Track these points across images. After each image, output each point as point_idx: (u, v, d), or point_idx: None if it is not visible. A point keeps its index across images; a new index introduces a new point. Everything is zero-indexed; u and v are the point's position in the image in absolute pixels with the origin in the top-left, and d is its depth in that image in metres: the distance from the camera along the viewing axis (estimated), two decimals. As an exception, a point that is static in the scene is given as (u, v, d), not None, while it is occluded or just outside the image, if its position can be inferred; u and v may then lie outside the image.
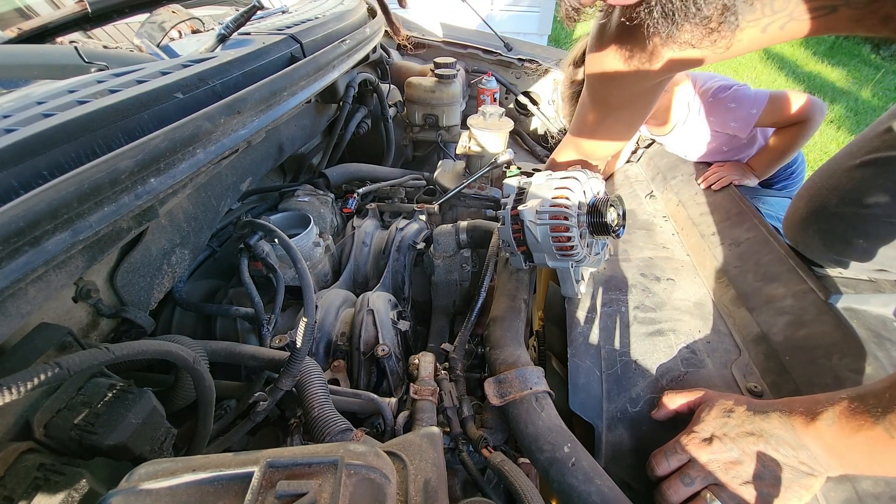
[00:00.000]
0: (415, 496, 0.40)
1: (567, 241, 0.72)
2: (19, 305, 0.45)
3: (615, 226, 0.72)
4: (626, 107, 0.84)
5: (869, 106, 4.35)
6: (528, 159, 1.90)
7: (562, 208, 0.71)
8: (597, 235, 0.74)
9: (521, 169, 1.39)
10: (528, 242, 0.76)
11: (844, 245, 0.72)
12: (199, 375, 0.55)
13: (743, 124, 1.15)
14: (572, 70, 1.22)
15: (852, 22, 0.48)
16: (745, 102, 1.14)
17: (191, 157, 0.57)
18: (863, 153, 0.70)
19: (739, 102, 1.15)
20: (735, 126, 1.16)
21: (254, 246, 0.85)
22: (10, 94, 0.71)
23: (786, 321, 0.73)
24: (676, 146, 1.31)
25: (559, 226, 0.71)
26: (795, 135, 1.15)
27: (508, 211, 0.79)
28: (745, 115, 1.14)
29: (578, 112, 0.92)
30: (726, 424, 0.55)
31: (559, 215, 0.71)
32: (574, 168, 0.79)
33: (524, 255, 0.80)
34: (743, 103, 1.14)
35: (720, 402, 0.58)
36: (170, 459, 0.37)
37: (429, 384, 0.73)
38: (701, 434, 0.56)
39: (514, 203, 0.79)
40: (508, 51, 1.92)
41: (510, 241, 0.79)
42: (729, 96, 1.16)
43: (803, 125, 1.13)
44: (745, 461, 0.52)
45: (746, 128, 1.15)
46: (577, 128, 0.94)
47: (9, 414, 0.44)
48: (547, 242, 0.73)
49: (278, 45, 0.88)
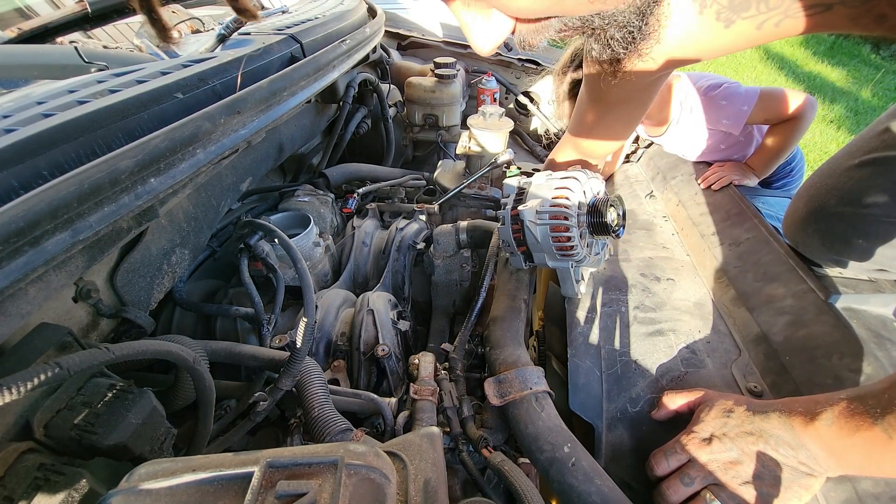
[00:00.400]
0: (415, 496, 0.40)
1: (567, 241, 0.72)
2: (19, 305, 0.45)
3: (615, 226, 0.72)
4: (624, 105, 0.84)
5: (869, 106, 4.35)
6: (528, 159, 1.90)
7: (562, 208, 0.71)
8: (597, 235, 0.74)
9: (521, 169, 1.39)
10: (528, 242, 0.76)
11: (844, 245, 0.72)
12: (199, 375, 0.55)
13: (735, 121, 1.16)
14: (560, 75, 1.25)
15: (847, 20, 0.48)
16: (735, 99, 1.15)
17: (191, 157, 0.57)
18: (861, 153, 0.70)
19: (730, 100, 1.15)
20: (727, 123, 1.17)
21: (254, 246, 0.85)
22: (10, 94, 0.71)
23: (786, 321, 0.73)
24: (673, 146, 1.32)
25: (559, 226, 0.71)
26: (789, 131, 1.15)
27: (508, 211, 0.79)
28: (737, 112, 1.15)
29: (576, 111, 0.93)
30: (726, 424, 0.55)
31: (559, 215, 0.71)
32: (574, 168, 0.79)
33: (524, 255, 0.80)
34: (734, 100, 1.15)
35: (720, 403, 0.58)
36: (170, 459, 0.37)
37: (429, 384, 0.73)
38: (700, 434, 0.56)
39: (514, 203, 0.79)
40: (508, 51, 1.91)
41: (510, 241, 0.79)
42: (720, 94, 1.17)
43: (796, 121, 1.14)
44: (745, 461, 0.52)
45: (738, 125, 1.16)
46: (576, 127, 0.94)
47: (9, 414, 0.44)
48: (547, 242, 0.73)
49: (278, 45, 0.88)
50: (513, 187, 0.82)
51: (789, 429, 0.51)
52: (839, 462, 0.49)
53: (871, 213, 0.68)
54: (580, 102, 0.91)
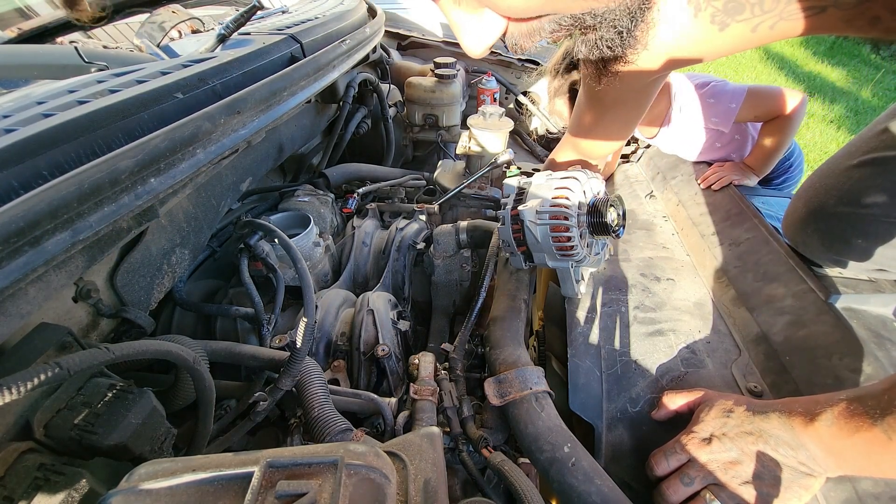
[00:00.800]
0: (415, 496, 0.40)
1: (567, 241, 0.72)
2: (19, 305, 0.45)
3: (615, 226, 0.72)
4: (621, 105, 0.85)
5: (869, 106, 4.35)
6: (528, 159, 1.90)
7: (562, 208, 0.71)
8: (597, 235, 0.74)
9: (521, 169, 1.39)
10: (528, 242, 0.76)
11: (843, 245, 0.72)
12: (199, 375, 0.55)
13: (724, 119, 1.16)
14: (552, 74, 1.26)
15: (842, 22, 0.49)
16: (723, 97, 1.15)
17: (191, 157, 0.57)
18: (860, 153, 0.70)
19: (718, 98, 1.15)
20: (716, 121, 1.17)
21: (254, 246, 0.85)
22: (10, 94, 0.71)
23: (786, 321, 0.73)
24: (668, 146, 1.32)
25: (559, 226, 0.71)
26: (782, 127, 1.15)
27: (508, 211, 0.79)
28: (725, 110, 1.15)
29: (576, 112, 0.93)
30: (726, 424, 0.55)
31: (559, 215, 0.71)
32: (574, 168, 0.79)
33: (524, 255, 0.80)
34: (721, 98, 1.15)
35: (720, 403, 0.58)
36: (170, 459, 0.37)
37: (429, 384, 0.73)
38: (700, 434, 0.56)
39: (513, 203, 0.79)
40: (508, 51, 1.92)
41: (510, 241, 0.79)
42: (707, 92, 1.17)
43: (787, 118, 1.13)
44: (745, 461, 0.52)
45: (727, 122, 1.16)
46: (575, 127, 0.95)
47: (9, 414, 0.44)
48: (547, 242, 0.73)
49: (278, 45, 0.88)
50: (513, 187, 0.82)
51: (789, 429, 0.51)
52: (839, 462, 0.49)
53: (871, 213, 0.68)
54: (579, 103, 0.91)
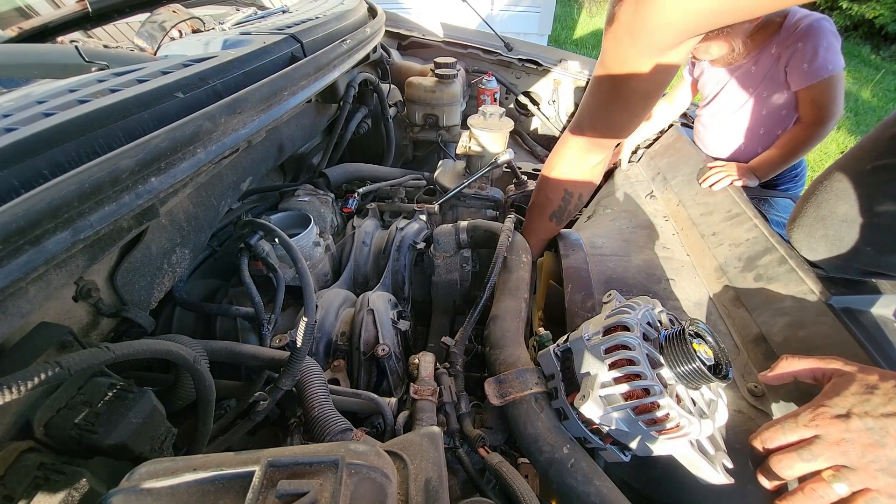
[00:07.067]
0: (415, 496, 0.40)
1: (665, 420, 0.53)
2: (19, 304, 0.45)
3: (714, 362, 0.54)
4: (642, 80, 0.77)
5: (869, 106, 4.35)
6: (528, 159, 1.90)
7: (635, 381, 0.54)
8: (695, 383, 0.55)
9: (522, 169, 1.39)
10: (613, 434, 0.59)
11: (853, 252, 0.71)
12: (199, 375, 0.55)
13: (805, 77, 1.09)
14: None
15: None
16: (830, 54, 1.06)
17: (191, 157, 0.57)
18: (872, 158, 0.68)
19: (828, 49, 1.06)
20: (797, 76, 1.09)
21: (254, 245, 0.85)
22: (10, 93, 0.71)
23: (785, 321, 0.73)
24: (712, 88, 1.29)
25: (642, 406, 0.54)
26: (807, 137, 1.14)
27: (569, 405, 0.61)
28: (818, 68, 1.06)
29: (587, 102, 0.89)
30: (868, 401, 0.49)
31: (635, 392, 0.54)
32: (610, 304, 0.64)
33: (616, 445, 0.61)
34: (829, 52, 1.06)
35: (860, 377, 0.52)
36: (170, 459, 0.37)
37: (429, 384, 0.73)
38: (834, 409, 0.51)
39: (564, 387, 0.63)
40: (509, 51, 1.92)
41: (592, 439, 0.61)
42: (831, 33, 1.08)
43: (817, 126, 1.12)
44: (889, 444, 0.47)
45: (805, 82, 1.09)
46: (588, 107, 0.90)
47: (9, 413, 0.44)
48: (635, 427, 0.56)
49: (279, 44, 0.88)
50: (552, 360, 0.65)
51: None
52: None
53: (883, 223, 0.66)
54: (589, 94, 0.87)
